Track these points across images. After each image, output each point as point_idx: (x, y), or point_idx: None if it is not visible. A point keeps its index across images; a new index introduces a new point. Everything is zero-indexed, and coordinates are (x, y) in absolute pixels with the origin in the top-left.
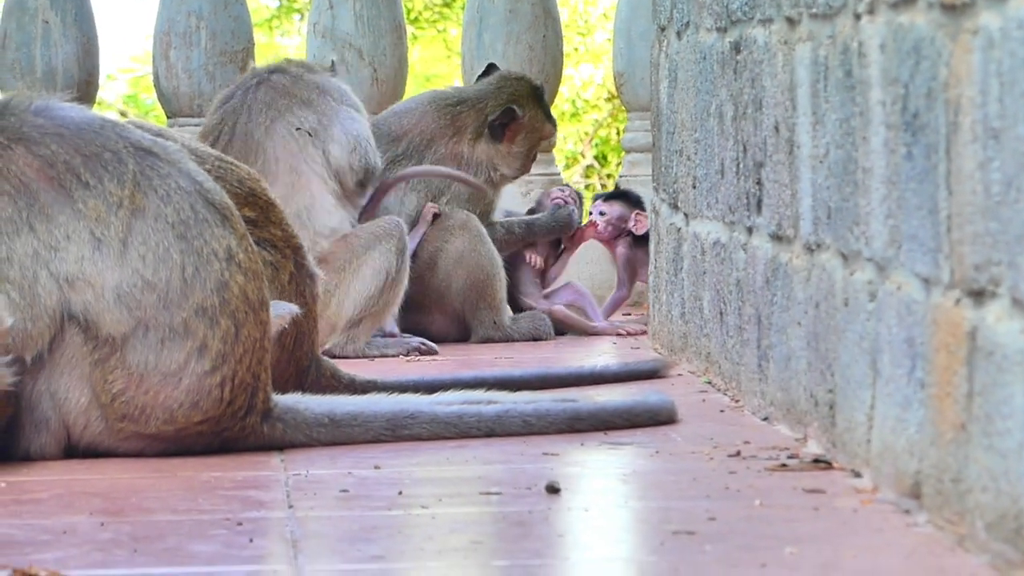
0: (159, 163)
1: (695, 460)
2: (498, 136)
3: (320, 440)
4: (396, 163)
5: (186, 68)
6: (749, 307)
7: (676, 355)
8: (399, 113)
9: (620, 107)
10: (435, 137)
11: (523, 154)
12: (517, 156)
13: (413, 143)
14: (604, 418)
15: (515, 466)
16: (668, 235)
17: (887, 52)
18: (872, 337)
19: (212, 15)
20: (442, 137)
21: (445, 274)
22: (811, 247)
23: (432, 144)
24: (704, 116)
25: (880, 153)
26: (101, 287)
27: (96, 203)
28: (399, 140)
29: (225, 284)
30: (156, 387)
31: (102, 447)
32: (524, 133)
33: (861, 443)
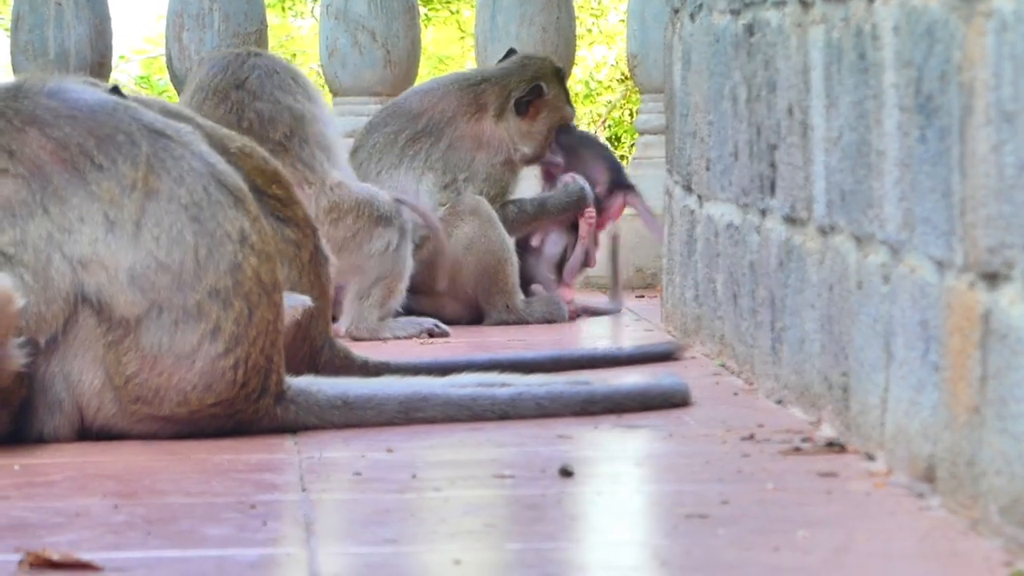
0: (172, 145)
1: (708, 443)
2: (522, 111)
3: (333, 423)
4: (416, 140)
5: (199, 50)
6: (763, 290)
7: (689, 338)
8: (420, 92)
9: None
10: (456, 115)
11: (542, 134)
12: (537, 135)
13: (433, 120)
14: (618, 401)
15: (529, 449)
16: (681, 217)
17: (900, 35)
18: (886, 320)
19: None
20: (463, 115)
21: (455, 260)
22: (825, 230)
23: (452, 121)
24: (718, 98)
25: (894, 136)
26: (115, 269)
27: (110, 185)
28: (419, 117)
29: (238, 266)
30: (169, 369)
31: (115, 429)
32: (547, 112)
33: (875, 426)
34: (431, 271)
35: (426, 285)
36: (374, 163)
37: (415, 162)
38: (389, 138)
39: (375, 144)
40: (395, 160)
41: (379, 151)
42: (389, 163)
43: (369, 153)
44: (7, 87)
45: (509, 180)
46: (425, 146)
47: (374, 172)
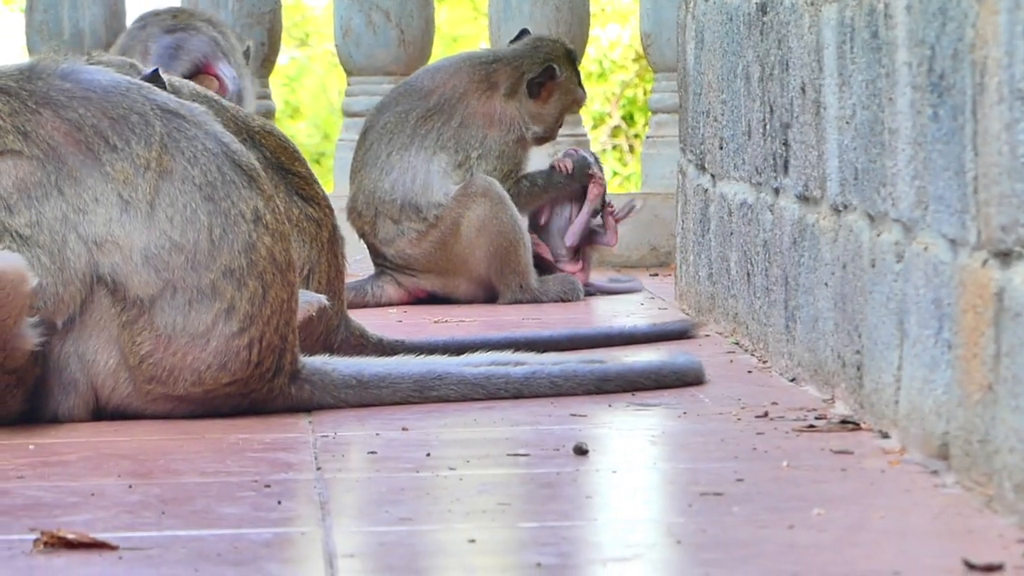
0: (185, 125)
1: (723, 421)
2: (534, 93)
3: (348, 402)
4: (427, 118)
5: None
6: (776, 268)
7: (703, 316)
8: (432, 70)
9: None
10: (467, 92)
11: (553, 116)
12: (548, 117)
13: (444, 97)
14: (632, 379)
15: (543, 427)
16: (695, 196)
17: (913, 13)
18: (899, 298)
19: None
20: (475, 92)
21: (468, 241)
22: (838, 208)
23: (464, 99)
24: (731, 77)
25: (906, 114)
26: (129, 249)
27: (124, 165)
28: (430, 95)
29: (252, 245)
30: (184, 349)
31: (130, 409)
32: (558, 94)
33: (889, 404)
34: (443, 252)
35: (439, 265)
36: (384, 143)
37: (426, 141)
38: (400, 117)
39: (385, 124)
40: (406, 140)
41: (390, 131)
42: (400, 143)
43: (379, 134)
44: (21, 68)
45: (522, 158)
46: (437, 124)
47: (384, 154)
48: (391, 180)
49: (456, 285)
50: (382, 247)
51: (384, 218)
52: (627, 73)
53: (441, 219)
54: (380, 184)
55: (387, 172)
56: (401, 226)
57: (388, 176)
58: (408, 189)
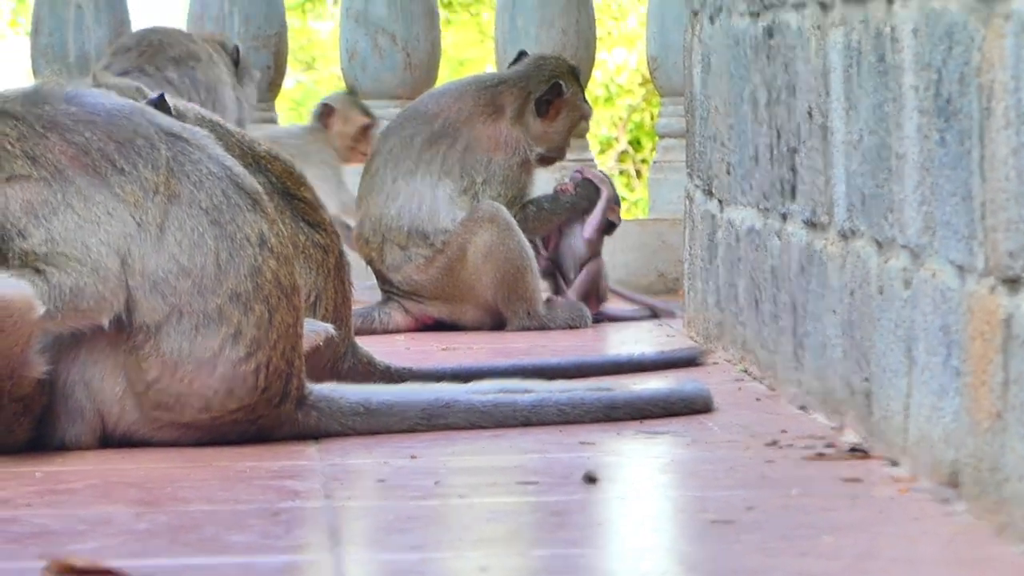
0: (189, 148)
1: (732, 449)
2: (542, 112)
3: (356, 429)
4: (433, 143)
5: None
6: (784, 295)
7: (711, 343)
8: (436, 94)
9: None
10: (472, 116)
11: (562, 134)
12: (555, 136)
13: (449, 121)
14: (640, 407)
15: (552, 455)
16: (702, 222)
17: (920, 37)
18: (907, 325)
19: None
20: (480, 116)
21: (474, 268)
22: (845, 234)
23: (469, 123)
24: (737, 101)
25: (913, 139)
26: (141, 273)
27: (133, 188)
28: (435, 118)
29: (258, 269)
30: (191, 375)
31: (137, 436)
32: (566, 111)
33: (898, 432)
34: (450, 278)
35: (446, 292)
36: (390, 169)
37: (432, 166)
38: (405, 142)
39: (391, 149)
40: (411, 166)
41: (395, 156)
42: (406, 169)
43: (385, 159)
44: (26, 93)
45: (526, 182)
46: (442, 149)
47: (390, 179)
48: (397, 206)
49: (463, 312)
50: (389, 273)
51: (391, 244)
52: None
53: (448, 245)
54: (386, 210)
55: (393, 198)
56: (408, 252)
57: (394, 202)
58: (415, 215)
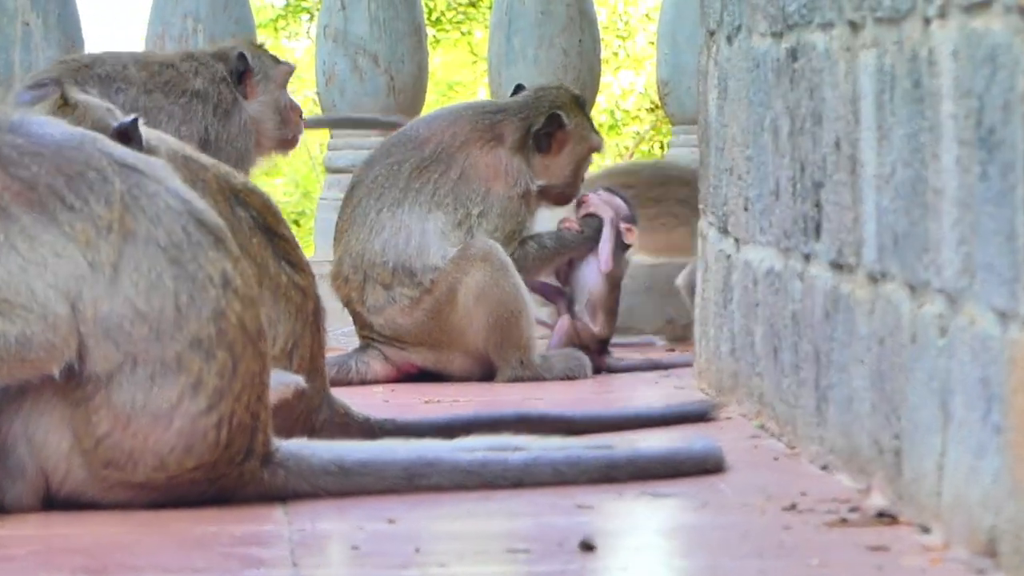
0: (146, 181)
1: (745, 514)
2: (543, 147)
3: (328, 490)
4: (423, 170)
5: None
6: (806, 343)
7: (725, 396)
8: (428, 119)
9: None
10: (469, 141)
11: (567, 169)
12: (560, 171)
13: (443, 146)
14: (643, 466)
15: (545, 520)
16: (717, 263)
17: (959, 60)
18: (943, 377)
19: (211, 17)
20: (477, 142)
21: (465, 310)
22: (875, 277)
23: (465, 148)
24: (757, 130)
25: (952, 172)
26: (93, 318)
27: (84, 226)
28: (425, 143)
29: (222, 313)
30: (145, 429)
31: (85, 497)
32: (571, 144)
33: (930, 495)
34: (437, 322)
35: (432, 337)
36: (373, 200)
37: (421, 196)
38: (391, 169)
39: (375, 179)
40: (398, 196)
41: (380, 186)
42: (391, 199)
43: (368, 189)
44: None
45: (526, 216)
46: (433, 176)
47: (374, 211)
48: (382, 241)
49: (450, 360)
50: (370, 316)
51: (374, 284)
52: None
53: (436, 285)
54: (369, 245)
55: (377, 232)
56: (392, 292)
57: (378, 236)
58: (401, 251)
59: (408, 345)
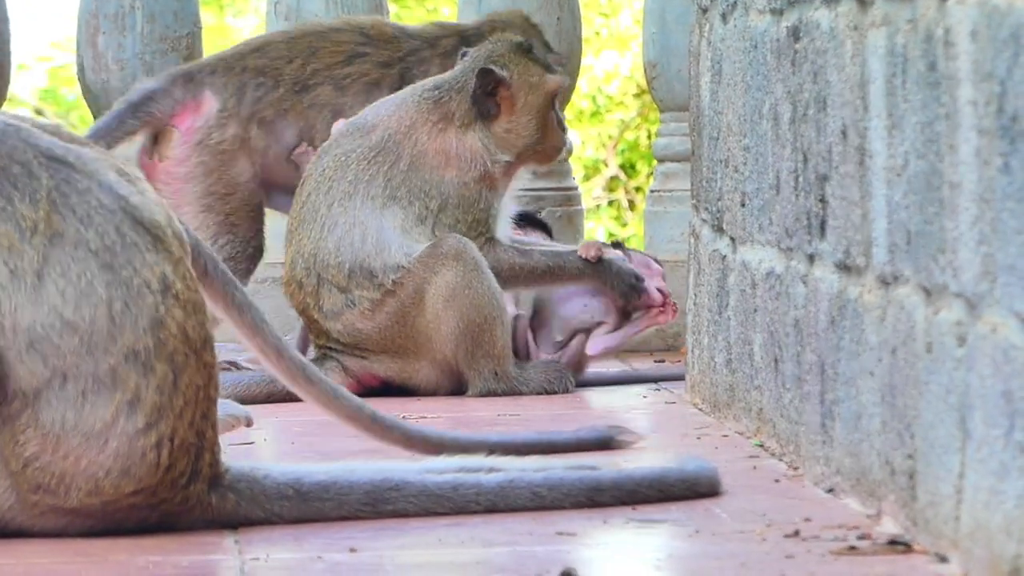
0: (76, 176)
1: (744, 541)
2: (489, 111)
3: (283, 516)
4: (371, 160)
5: (118, 57)
6: (810, 353)
7: (720, 412)
8: (377, 105)
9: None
10: (415, 126)
11: (535, 123)
12: (523, 129)
13: (389, 132)
14: (631, 489)
15: (522, 548)
16: (710, 264)
17: (979, 40)
18: (961, 390)
19: None
20: (424, 126)
21: (433, 314)
22: (886, 279)
23: (412, 134)
24: (755, 118)
25: (971, 165)
26: (12, 329)
27: (7, 229)
28: (372, 131)
29: (160, 322)
30: (77, 450)
31: (13, 525)
32: (522, 96)
33: (947, 520)
34: (402, 327)
35: (395, 344)
36: (323, 194)
37: (372, 189)
38: (339, 160)
39: (323, 170)
40: (348, 188)
41: (328, 178)
42: (342, 192)
43: (317, 182)
44: None
45: (491, 200)
46: (383, 168)
47: (324, 206)
48: (335, 239)
49: (416, 370)
50: (327, 322)
51: (329, 287)
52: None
53: (401, 285)
54: (322, 244)
55: (330, 229)
56: (350, 295)
57: (331, 234)
58: (358, 250)
59: (369, 353)
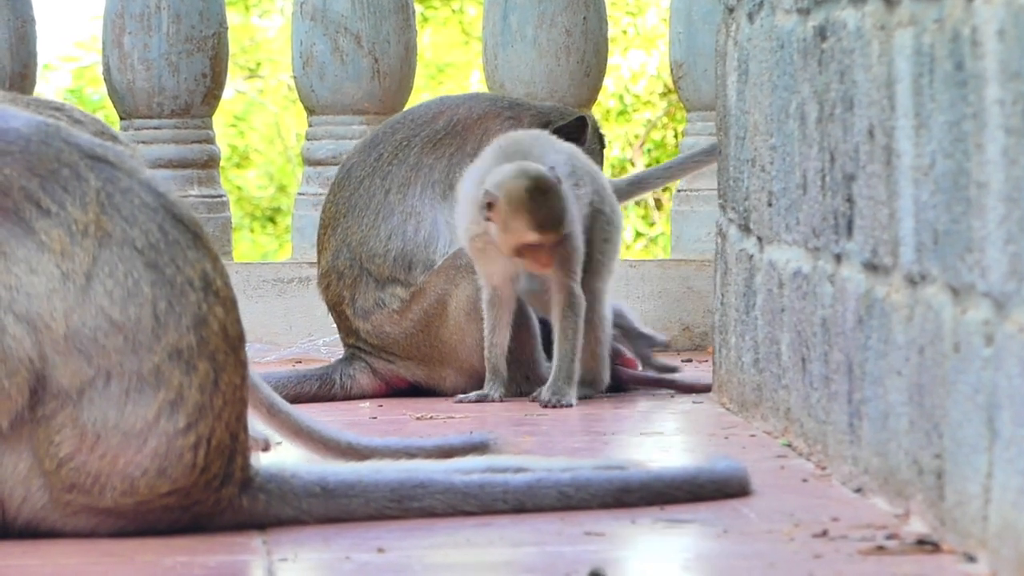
0: (118, 175)
1: (772, 541)
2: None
3: (311, 514)
4: (436, 144)
5: (143, 58)
6: (838, 352)
7: (748, 412)
8: (436, 99)
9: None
10: (487, 116)
11: None
12: None
13: (458, 118)
14: (660, 490)
15: (551, 548)
16: (738, 264)
17: (1006, 39)
18: (989, 390)
19: None
20: (496, 118)
21: (456, 326)
22: (913, 279)
23: (483, 122)
24: (782, 117)
25: (998, 164)
26: (60, 331)
27: (59, 233)
28: (437, 117)
29: (203, 320)
30: (115, 450)
31: (45, 524)
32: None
33: (976, 520)
34: (427, 336)
35: (421, 352)
36: (379, 179)
37: (434, 175)
38: (400, 147)
39: (379, 157)
40: (408, 174)
41: (385, 164)
42: (401, 179)
43: (372, 168)
44: None
45: None
46: (448, 151)
47: (381, 191)
48: (388, 228)
49: (443, 377)
50: (356, 321)
51: (368, 280)
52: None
53: (424, 291)
54: (373, 232)
55: (385, 218)
56: (384, 292)
57: (386, 223)
58: (408, 240)
59: (397, 358)
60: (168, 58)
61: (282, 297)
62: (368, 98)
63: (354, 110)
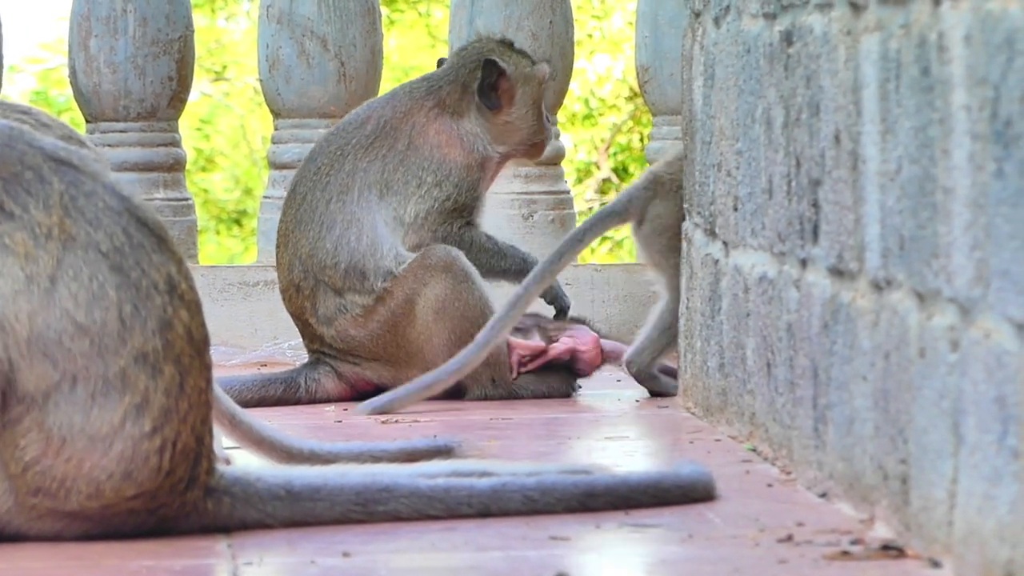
0: (82, 178)
1: (737, 546)
2: (493, 103)
3: (276, 518)
4: (368, 148)
5: (109, 60)
6: (803, 357)
7: (713, 416)
8: (366, 104)
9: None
10: (412, 111)
11: (533, 113)
12: (525, 119)
13: (385, 119)
14: (624, 494)
15: (516, 553)
16: (703, 268)
17: (973, 45)
18: (954, 395)
19: None
20: (420, 111)
21: (424, 326)
22: (879, 284)
23: (409, 118)
24: (748, 122)
25: (964, 170)
26: (25, 335)
27: (23, 236)
28: (366, 122)
29: (168, 323)
30: (81, 454)
31: (9, 528)
32: (520, 87)
33: (940, 525)
34: (393, 336)
35: (388, 353)
36: (320, 191)
37: (370, 176)
38: (335, 156)
39: (318, 169)
40: (345, 181)
41: (324, 175)
42: (339, 185)
43: (313, 182)
44: None
45: (481, 190)
46: (381, 152)
47: (322, 203)
48: (333, 238)
49: (408, 377)
50: (320, 327)
51: (325, 290)
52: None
53: (390, 294)
54: (320, 244)
55: (328, 228)
56: (344, 299)
57: (329, 233)
58: (353, 249)
59: (363, 360)
60: (134, 61)
61: (247, 300)
62: (334, 101)
63: (320, 113)
